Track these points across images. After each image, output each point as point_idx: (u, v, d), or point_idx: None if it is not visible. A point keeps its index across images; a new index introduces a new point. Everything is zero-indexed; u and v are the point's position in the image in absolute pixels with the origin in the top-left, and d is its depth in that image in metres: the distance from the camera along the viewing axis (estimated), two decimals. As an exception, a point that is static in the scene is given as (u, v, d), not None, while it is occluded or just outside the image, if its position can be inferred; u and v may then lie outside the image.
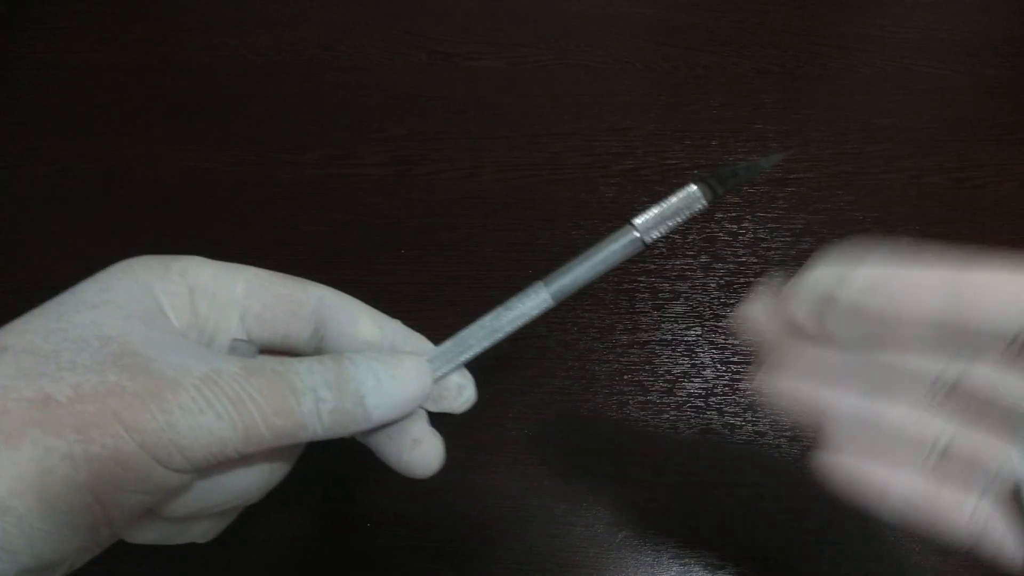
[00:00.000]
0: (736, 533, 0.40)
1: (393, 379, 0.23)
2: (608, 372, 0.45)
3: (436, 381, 0.26)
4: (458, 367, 0.26)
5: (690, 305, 0.48)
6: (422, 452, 0.25)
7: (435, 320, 0.47)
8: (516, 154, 0.55)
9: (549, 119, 0.57)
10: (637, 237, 0.25)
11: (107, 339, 0.21)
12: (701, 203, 0.24)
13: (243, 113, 0.57)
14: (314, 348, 0.26)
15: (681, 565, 0.39)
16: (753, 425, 0.43)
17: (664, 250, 0.50)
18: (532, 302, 0.26)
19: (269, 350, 0.26)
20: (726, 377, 0.45)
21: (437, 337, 0.27)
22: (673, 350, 0.46)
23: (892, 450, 0.21)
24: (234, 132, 0.56)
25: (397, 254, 0.50)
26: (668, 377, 0.45)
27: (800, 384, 0.21)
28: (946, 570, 0.39)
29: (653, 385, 0.45)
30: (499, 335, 0.26)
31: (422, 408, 0.26)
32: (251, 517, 0.41)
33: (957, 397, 0.20)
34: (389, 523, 0.40)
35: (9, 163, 0.55)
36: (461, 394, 0.27)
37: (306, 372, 0.22)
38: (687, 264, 0.49)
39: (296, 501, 0.41)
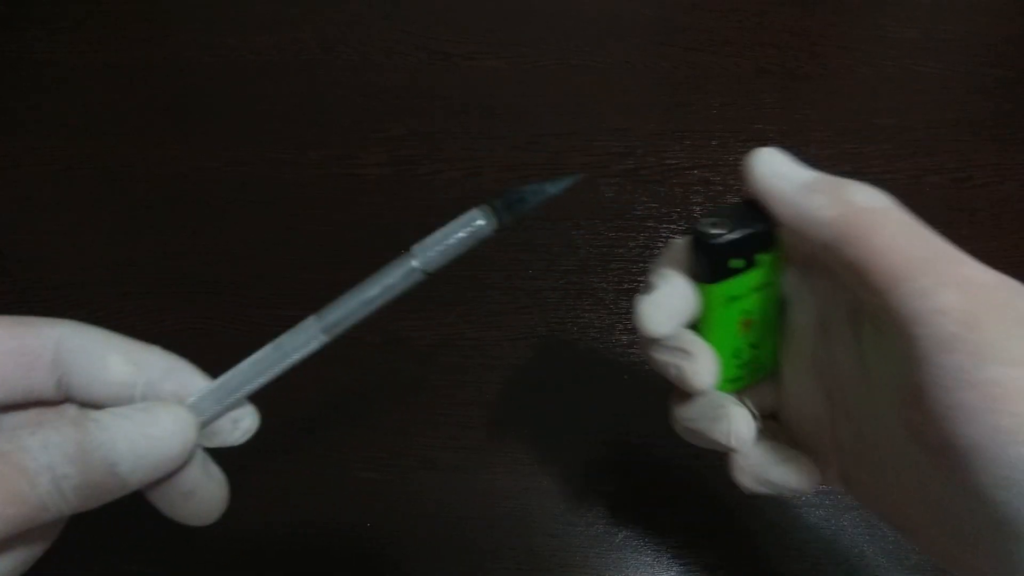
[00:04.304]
0: (736, 533, 0.40)
1: (148, 439, 0.20)
2: (608, 372, 0.45)
3: (204, 426, 0.23)
4: (228, 409, 0.23)
5: (690, 305, 0.47)
6: (196, 504, 0.23)
7: (435, 320, 0.47)
8: (516, 154, 0.55)
9: (549, 119, 0.57)
10: (416, 267, 0.23)
11: None
12: (486, 231, 0.23)
13: (243, 113, 0.57)
14: (63, 398, 0.23)
15: (681, 565, 0.39)
16: (753, 425, 0.43)
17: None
18: (302, 339, 0.23)
19: (13, 408, 0.23)
20: (726, 377, 0.45)
21: (437, 337, 0.27)
22: (673, 350, 0.46)
23: None
24: (234, 132, 0.56)
25: (397, 254, 0.50)
26: (668, 377, 0.45)
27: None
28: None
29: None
30: (270, 374, 0.23)
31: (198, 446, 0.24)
32: (253, 518, 0.41)
33: None
34: (390, 523, 0.40)
35: (9, 163, 0.55)
36: (237, 427, 0.24)
37: (39, 448, 0.19)
38: (687, 264, 0.49)
39: (297, 502, 0.41)
